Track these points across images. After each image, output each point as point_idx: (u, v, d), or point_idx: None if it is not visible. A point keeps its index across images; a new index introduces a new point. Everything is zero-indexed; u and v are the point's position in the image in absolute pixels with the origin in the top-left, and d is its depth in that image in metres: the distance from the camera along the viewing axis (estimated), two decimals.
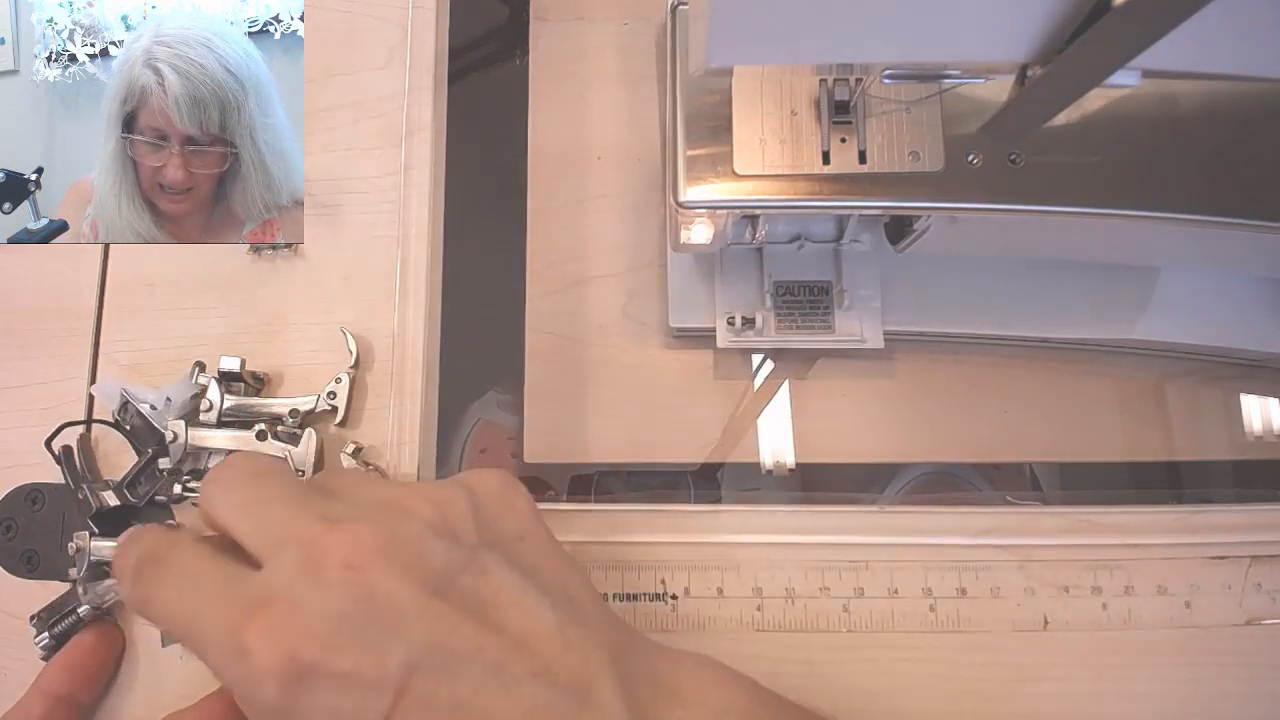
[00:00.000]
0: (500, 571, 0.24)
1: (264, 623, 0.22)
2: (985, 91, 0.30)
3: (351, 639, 0.22)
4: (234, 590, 0.23)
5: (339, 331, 0.35)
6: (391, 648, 0.22)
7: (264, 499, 0.25)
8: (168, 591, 0.25)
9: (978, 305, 0.38)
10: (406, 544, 0.23)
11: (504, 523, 0.26)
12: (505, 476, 0.28)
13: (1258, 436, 0.39)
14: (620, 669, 0.24)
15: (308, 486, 0.26)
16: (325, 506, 0.25)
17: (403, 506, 0.25)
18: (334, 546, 0.23)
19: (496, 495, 0.27)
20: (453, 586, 0.23)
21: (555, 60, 0.43)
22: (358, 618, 0.22)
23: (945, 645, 0.32)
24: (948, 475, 0.39)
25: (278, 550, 0.23)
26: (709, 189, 0.31)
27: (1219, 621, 0.32)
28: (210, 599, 0.23)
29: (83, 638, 0.31)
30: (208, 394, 0.33)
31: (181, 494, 0.33)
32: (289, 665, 0.21)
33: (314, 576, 0.22)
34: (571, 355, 0.40)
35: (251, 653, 0.21)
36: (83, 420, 0.35)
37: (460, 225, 0.39)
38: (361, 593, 0.22)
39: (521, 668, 0.23)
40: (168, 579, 0.25)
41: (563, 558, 0.27)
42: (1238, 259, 0.36)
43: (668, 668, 0.25)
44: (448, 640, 0.22)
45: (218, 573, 0.24)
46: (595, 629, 0.25)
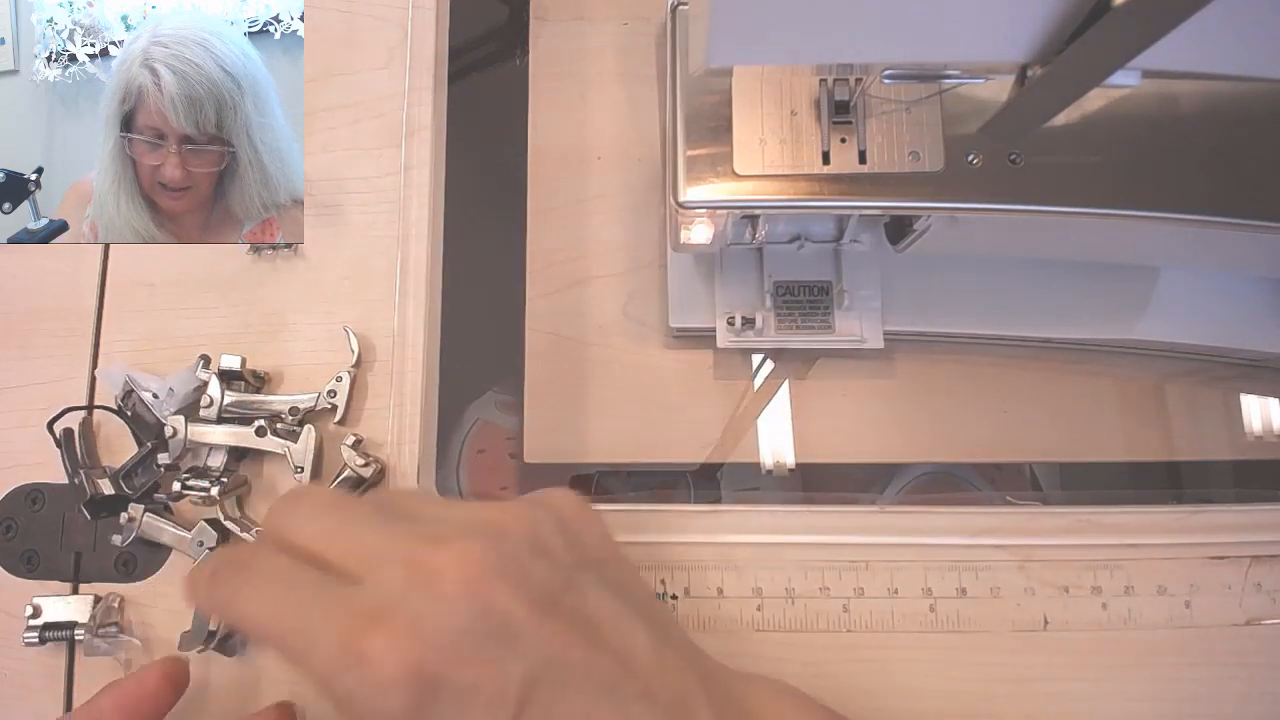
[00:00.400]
0: (596, 592, 0.25)
1: (386, 633, 0.21)
2: (985, 91, 0.30)
3: (473, 653, 0.22)
4: (338, 599, 0.23)
5: (339, 331, 0.35)
6: (511, 662, 0.22)
7: (353, 522, 0.25)
8: (256, 594, 0.24)
9: (978, 305, 0.38)
10: (513, 561, 0.24)
11: (589, 544, 0.27)
12: (581, 499, 0.28)
13: (1258, 436, 0.39)
14: (710, 692, 0.24)
15: (386, 509, 0.26)
16: (416, 527, 0.25)
17: (497, 525, 0.25)
18: (446, 563, 0.23)
19: (576, 516, 0.27)
20: (559, 605, 0.24)
21: (555, 60, 0.43)
22: (477, 632, 0.22)
23: (945, 645, 0.32)
24: (948, 475, 0.39)
25: (379, 568, 0.23)
26: (709, 189, 0.31)
27: (1219, 621, 0.32)
28: (312, 605, 0.23)
29: (146, 676, 0.30)
30: (209, 390, 0.33)
31: (181, 491, 0.33)
32: (416, 677, 0.21)
33: (428, 591, 0.22)
34: (571, 355, 0.40)
35: (373, 663, 0.21)
36: (85, 406, 0.35)
37: (460, 225, 0.39)
38: (479, 608, 0.22)
39: (628, 688, 0.23)
40: (254, 582, 0.24)
41: (641, 580, 0.28)
42: (1238, 259, 0.36)
43: (744, 692, 0.26)
44: (562, 657, 0.23)
45: (312, 581, 0.24)
46: (682, 651, 0.25)
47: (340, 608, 0.23)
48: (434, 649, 0.21)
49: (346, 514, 0.25)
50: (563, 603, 0.24)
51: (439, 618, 0.22)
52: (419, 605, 0.22)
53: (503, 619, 0.22)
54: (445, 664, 0.21)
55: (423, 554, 0.23)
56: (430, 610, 0.22)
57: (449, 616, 0.22)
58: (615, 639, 0.24)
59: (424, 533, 0.24)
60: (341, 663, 0.22)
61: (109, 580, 0.34)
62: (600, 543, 0.27)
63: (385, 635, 0.21)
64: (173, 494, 0.33)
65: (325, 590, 0.23)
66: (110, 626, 0.33)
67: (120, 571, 0.34)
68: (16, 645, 0.33)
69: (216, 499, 0.32)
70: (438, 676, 0.21)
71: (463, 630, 0.22)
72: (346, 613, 0.22)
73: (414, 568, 0.23)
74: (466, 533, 0.24)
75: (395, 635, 0.21)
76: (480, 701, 0.21)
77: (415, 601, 0.22)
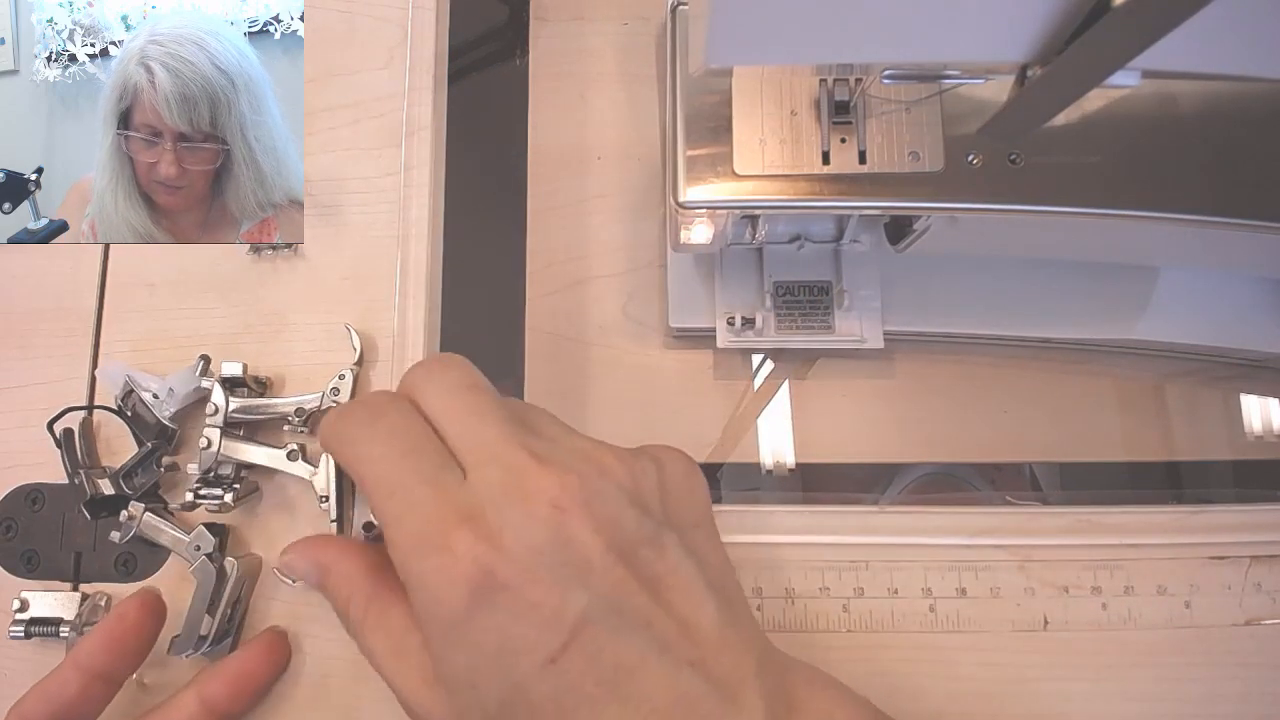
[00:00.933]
0: (676, 554, 0.25)
1: (471, 532, 0.23)
2: (985, 91, 0.30)
3: (545, 574, 0.23)
4: (444, 484, 0.24)
5: (339, 331, 0.35)
6: (575, 592, 0.23)
7: (479, 411, 0.26)
8: (378, 445, 0.25)
9: (978, 305, 0.38)
10: (605, 502, 0.24)
11: (685, 506, 0.27)
12: (691, 461, 0.28)
13: (1258, 436, 0.40)
14: (763, 678, 0.24)
15: (513, 413, 0.26)
16: (531, 440, 0.25)
17: (601, 464, 0.25)
18: (543, 485, 0.24)
19: (682, 478, 0.27)
20: (635, 555, 0.24)
21: (555, 60, 0.43)
22: (552, 556, 0.23)
23: (945, 645, 0.32)
24: (948, 475, 0.39)
25: (486, 465, 0.24)
26: (709, 189, 0.31)
27: (1219, 622, 0.32)
28: (420, 480, 0.24)
29: (125, 610, 0.30)
30: (212, 398, 0.33)
31: (195, 500, 0.32)
32: (486, 578, 0.22)
33: (521, 506, 0.23)
34: (571, 355, 0.40)
35: (454, 554, 0.22)
36: (85, 406, 0.35)
37: (460, 225, 0.39)
38: (561, 535, 0.23)
39: (683, 652, 0.23)
40: (380, 428, 0.25)
41: (725, 554, 0.28)
42: (1238, 259, 0.36)
43: (797, 682, 0.26)
44: (625, 603, 0.23)
45: (431, 454, 0.25)
46: (746, 632, 0.25)
47: (443, 493, 0.24)
48: (508, 559, 0.22)
49: (476, 402, 0.26)
50: (639, 555, 0.24)
51: (520, 532, 0.23)
52: (508, 516, 0.23)
53: (579, 551, 0.23)
54: (513, 576, 0.22)
55: (525, 468, 0.24)
56: (515, 524, 0.23)
57: (530, 534, 0.23)
58: (682, 604, 0.24)
59: (535, 448, 0.25)
60: (426, 545, 0.23)
61: (109, 580, 0.34)
62: (696, 508, 0.27)
63: (470, 534, 0.23)
64: (185, 504, 0.32)
65: (438, 472, 0.24)
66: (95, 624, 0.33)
67: (120, 571, 0.34)
68: (17, 645, 0.33)
69: (231, 506, 0.32)
70: (505, 584, 0.22)
71: (539, 550, 0.23)
72: (445, 499, 0.23)
73: (514, 478, 0.24)
74: (572, 462, 0.25)
75: (478, 537, 0.23)
76: (536, 619, 0.22)
77: (506, 511, 0.23)
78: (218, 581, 0.31)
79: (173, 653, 0.31)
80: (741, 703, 0.23)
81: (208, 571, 0.31)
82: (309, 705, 0.32)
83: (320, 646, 0.33)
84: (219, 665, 0.31)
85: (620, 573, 0.23)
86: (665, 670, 0.23)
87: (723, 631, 0.24)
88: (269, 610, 0.33)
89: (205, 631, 0.31)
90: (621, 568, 0.23)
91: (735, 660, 0.24)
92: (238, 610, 0.32)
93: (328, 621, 0.32)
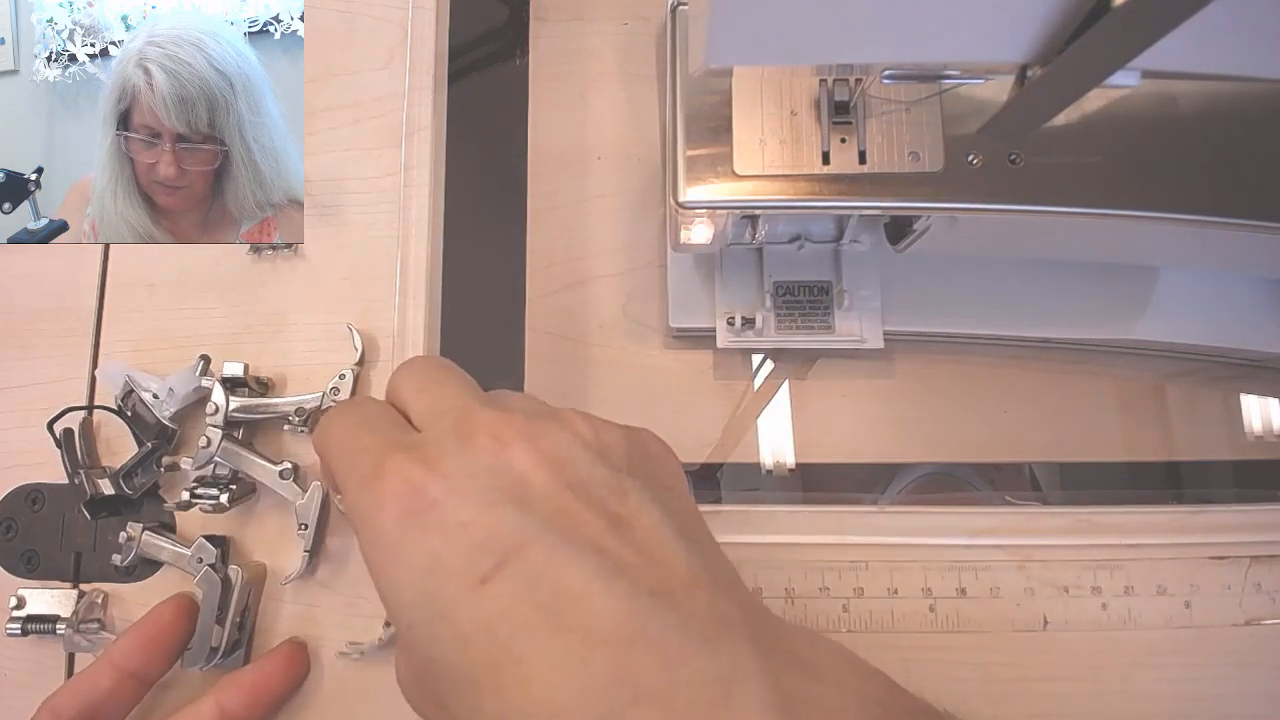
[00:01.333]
0: (639, 498, 0.23)
1: (406, 456, 0.23)
2: (985, 91, 0.30)
3: (477, 495, 0.22)
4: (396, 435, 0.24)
5: (339, 331, 0.35)
6: (508, 514, 0.21)
7: (442, 382, 0.26)
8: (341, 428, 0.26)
9: (978, 305, 0.38)
10: (553, 440, 0.23)
11: (654, 469, 0.25)
12: (666, 444, 0.27)
13: (1258, 436, 0.39)
14: (753, 628, 0.21)
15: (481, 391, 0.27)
16: (492, 398, 0.25)
17: (562, 418, 0.25)
18: (487, 421, 0.23)
19: (655, 449, 0.26)
20: (588, 491, 0.22)
21: (555, 60, 0.43)
22: (486, 480, 0.22)
23: (945, 645, 0.32)
24: (948, 475, 0.39)
25: (439, 418, 0.24)
26: (709, 189, 0.31)
27: (1219, 621, 0.32)
28: (373, 436, 0.24)
29: (161, 612, 0.32)
30: (213, 398, 0.33)
31: (190, 500, 0.32)
32: (413, 497, 0.22)
33: (463, 441, 0.23)
34: (571, 355, 0.40)
35: (385, 477, 0.22)
36: (85, 406, 0.35)
37: (460, 225, 0.39)
38: (499, 463, 0.23)
39: (641, 580, 0.21)
40: (350, 416, 0.26)
41: (699, 514, 0.25)
42: (1238, 259, 0.36)
43: (802, 643, 0.23)
44: (568, 528, 0.21)
45: (389, 421, 0.25)
46: (727, 585, 0.22)
47: (390, 439, 0.24)
48: (439, 478, 0.22)
49: (443, 379, 0.26)
50: (593, 492, 0.22)
51: (456, 457, 0.23)
52: (447, 446, 0.23)
53: (518, 478, 0.22)
54: (443, 494, 0.22)
55: (473, 410, 0.24)
56: (453, 451, 0.23)
57: (466, 459, 0.23)
58: (644, 541, 0.22)
59: (491, 400, 0.25)
60: (365, 480, 0.23)
61: (109, 580, 0.34)
62: (668, 474, 0.25)
63: (404, 457, 0.22)
64: (181, 503, 0.33)
65: (392, 429, 0.25)
66: (92, 623, 0.33)
67: (120, 572, 0.34)
68: (16, 646, 0.33)
69: (227, 506, 0.32)
70: (434, 503, 0.22)
71: (473, 473, 0.22)
72: (392, 443, 0.23)
73: (461, 419, 0.24)
74: (523, 409, 0.24)
75: (412, 461, 0.22)
76: (465, 539, 0.21)
77: (446, 443, 0.23)
78: (223, 591, 0.31)
79: (185, 666, 0.31)
80: (725, 645, 0.20)
81: (212, 582, 0.31)
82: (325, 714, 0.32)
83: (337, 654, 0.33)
84: (237, 675, 0.31)
85: (567, 498, 0.22)
86: (618, 597, 0.20)
87: (693, 571, 0.21)
88: (278, 616, 0.33)
89: (216, 643, 0.31)
90: (569, 494, 0.22)
91: (711, 600, 0.21)
92: (247, 619, 0.32)
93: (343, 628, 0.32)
